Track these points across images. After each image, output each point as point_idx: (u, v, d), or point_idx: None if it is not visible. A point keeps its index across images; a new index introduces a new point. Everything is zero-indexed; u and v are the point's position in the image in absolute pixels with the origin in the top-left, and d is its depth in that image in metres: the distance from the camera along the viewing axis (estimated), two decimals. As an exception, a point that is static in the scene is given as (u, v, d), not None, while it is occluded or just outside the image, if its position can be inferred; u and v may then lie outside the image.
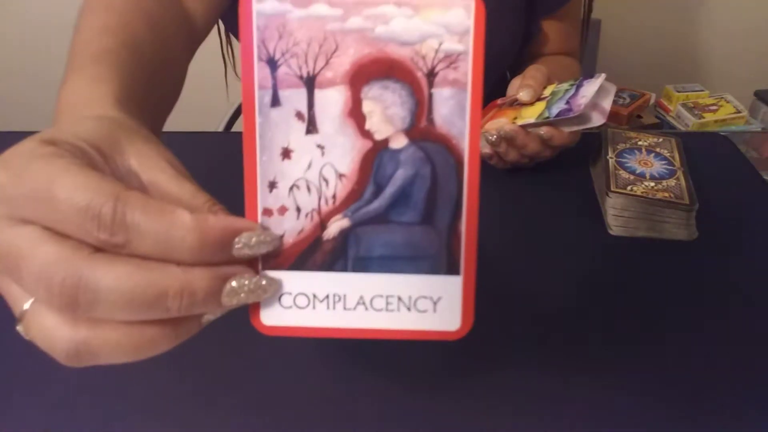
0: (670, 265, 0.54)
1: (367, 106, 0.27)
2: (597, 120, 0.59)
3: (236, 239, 0.25)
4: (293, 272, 0.27)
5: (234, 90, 0.98)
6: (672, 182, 0.59)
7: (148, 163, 0.26)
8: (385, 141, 0.27)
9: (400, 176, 0.27)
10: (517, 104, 0.63)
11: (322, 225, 0.27)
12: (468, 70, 0.26)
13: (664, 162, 0.62)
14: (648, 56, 1.76)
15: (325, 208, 0.27)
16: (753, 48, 1.76)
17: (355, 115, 0.27)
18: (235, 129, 1.16)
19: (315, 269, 0.27)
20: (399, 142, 0.27)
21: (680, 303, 0.50)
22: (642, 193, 0.57)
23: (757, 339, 0.47)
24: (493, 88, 0.68)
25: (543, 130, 0.60)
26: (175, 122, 0.46)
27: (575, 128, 0.60)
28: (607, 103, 0.60)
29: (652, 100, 1.70)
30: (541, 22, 0.81)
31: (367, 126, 0.27)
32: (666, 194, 0.57)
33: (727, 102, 1.64)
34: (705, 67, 1.80)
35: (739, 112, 1.60)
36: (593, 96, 0.59)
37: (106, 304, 0.23)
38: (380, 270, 0.27)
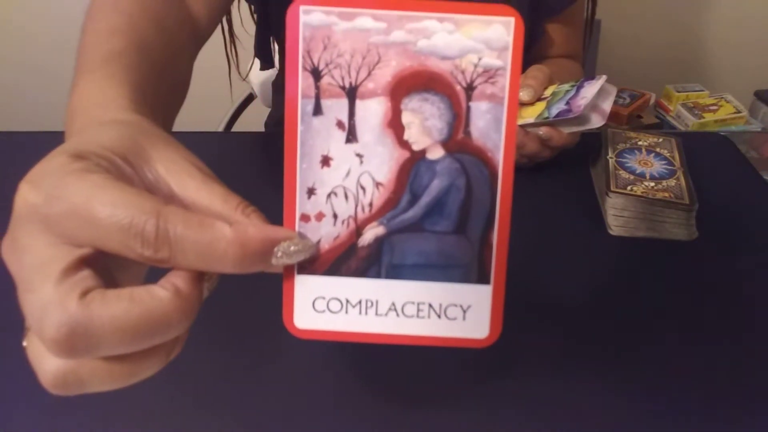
0: (670, 265, 0.54)
1: (406, 117, 0.27)
2: (596, 121, 0.59)
3: (275, 249, 0.25)
4: (328, 277, 0.28)
5: (236, 90, 0.98)
6: (672, 182, 0.59)
7: (175, 169, 0.26)
8: (423, 152, 0.28)
9: (435, 186, 0.28)
10: (517, 104, 0.63)
11: (358, 232, 0.28)
12: (505, 85, 0.27)
13: (664, 162, 0.62)
14: (648, 56, 1.76)
15: (361, 216, 0.28)
16: (753, 48, 1.76)
17: (395, 125, 0.27)
18: (235, 129, 1.16)
19: (349, 275, 0.28)
20: (436, 153, 0.28)
21: (680, 303, 0.50)
22: (642, 193, 0.57)
23: (758, 339, 0.47)
24: None
25: (542, 131, 0.60)
26: (176, 122, 0.46)
27: (574, 129, 0.60)
28: (607, 105, 0.60)
29: (652, 100, 1.70)
30: (545, 25, 0.81)
31: (406, 136, 0.27)
32: (666, 194, 0.57)
33: (727, 102, 1.64)
34: (705, 67, 1.80)
35: (739, 112, 1.60)
36: (593, 97, 0.59)
37: (106, 346, 0.22)
38: (413, 277, 0.28)
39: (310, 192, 0.28)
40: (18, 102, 1.79)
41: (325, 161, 0.28)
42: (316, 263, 0.28)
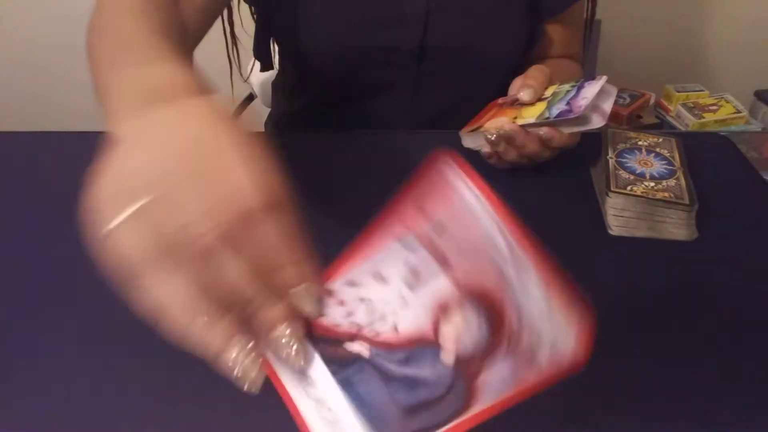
0: (670, 265, 0.54)
1: (453, 308, 0.30)
2: (597, 122, 0.59)
3: (296, 288, 0.29)
4: (306, 343, 0.31)
5: (236, 90, 0.98)
6: (672, 182, 0.59)
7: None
8: (443, 338, 0.30)
9: (424, 374, 0.30)
10: (518, 104, 0.64)
11: (351, 338, 0.31)
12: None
13: (664, 162, 0.62)
14: (648, 56, 1.76)
15: (365, 332, 0.30)
16: (753, 48, 1.76)
17: (442, 306, 0.30)
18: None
19: (321, 357, 0.31)
20: (449, 347, 0.30)
21: (680, 303, 0.51)
22: (642, 193, 0.57)
23: (758, 339, 0.47)
24: (498, 94, 0.69)
25: (542, 131, 0.60)
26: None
27: (575, 129, 0.60)
28: (607, 106, 0.60)
29: (652, 100, 1.70)
30: (545, 26, 0.82)
31: (440, 323, 0.30)
32: (666, 194, 0.57)
33: (727, 102, 1.64)
34: (705, 67, 1.80)
35: (739, 112, 1.60)
36: (594, 98, 0.59)
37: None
38: (352, 399, 0.30)
39: (351, 283, 0.31)
40: (18, 102, 1.79)
41: (379, 277, 0.31)
42: (306, 327, 0.30)
